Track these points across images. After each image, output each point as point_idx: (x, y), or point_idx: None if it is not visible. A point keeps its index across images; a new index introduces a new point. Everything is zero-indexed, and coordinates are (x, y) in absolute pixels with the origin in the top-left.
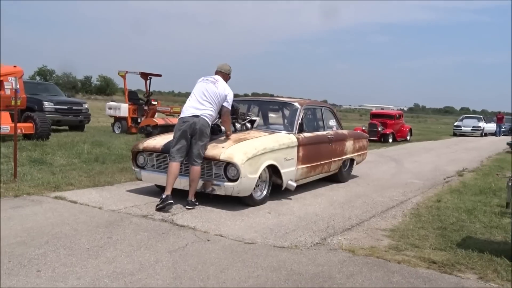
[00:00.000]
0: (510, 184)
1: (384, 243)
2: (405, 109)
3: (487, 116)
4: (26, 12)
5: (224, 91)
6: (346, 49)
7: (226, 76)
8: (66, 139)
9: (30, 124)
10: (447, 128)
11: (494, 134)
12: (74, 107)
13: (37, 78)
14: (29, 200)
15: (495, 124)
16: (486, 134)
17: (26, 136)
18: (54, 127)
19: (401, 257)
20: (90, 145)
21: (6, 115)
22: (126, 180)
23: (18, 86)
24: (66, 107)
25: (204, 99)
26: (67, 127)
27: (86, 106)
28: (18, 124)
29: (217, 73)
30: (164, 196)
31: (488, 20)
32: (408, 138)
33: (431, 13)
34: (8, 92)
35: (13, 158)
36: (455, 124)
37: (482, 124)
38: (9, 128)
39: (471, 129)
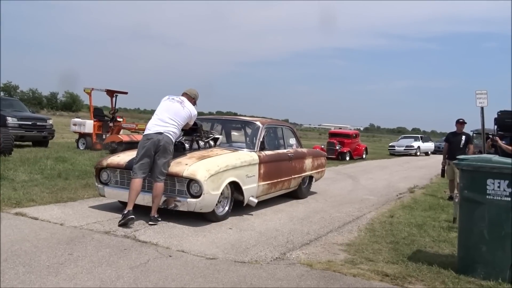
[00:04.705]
0: (456, 200)
1: (340, 257)
2: (361, 128)
3: (427, 135)
4: None
5: (191, 111)
6: (306, 71)
7: (191, 100)
8: (29, 155)
9: None
10: None
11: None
12: (38, 123)
13: (1, 93)
14: None
15: (432, 143)
16: (427, 154)
17: None
18: (18, 142)
19: (356, 270)
20: (54, 161)
21: None
22: (89, 196)
23: None
24: (30, 122)
25: (168, 117)
26: (30, 143)
27: (51, 122)
28: None
29: (183, 94)
30: (125, 212)
31: (435, 48)
32: (364, 156)
33: (384, 40)
34: None
35: None
36: (390, 144)
37: (417, 143)
38: None
39: (404, 149)
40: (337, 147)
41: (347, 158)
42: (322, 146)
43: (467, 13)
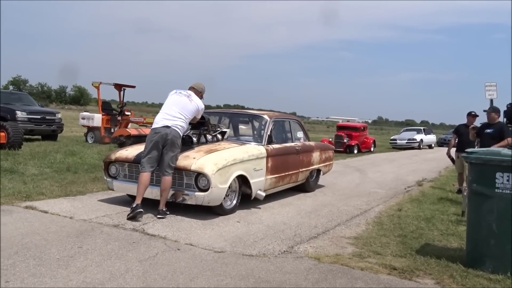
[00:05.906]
0: (465, 193)
1: (348, 250)
2: (369, 121)
3: (435, 127)
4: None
5: (198, 105)
6: (312, 64)
7: (198, 94)
8: (39, 149)
9: (2, 134)
10: None
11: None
12: (47, 117)
13: (11, 87)
14: None
15: (434, 135)
16: (431, 146)
17: None
18: (27, 136)
19: (364, 264)
20: (63, 154)
21: None
22: (98, 189)
23: None
24: (39, 116)
25: (176, 111)
26: (39, 137)
27: (59, 115)
28: None
29: (190, 88)
30: (134, 205)
31: (444, 39)
32: (372, 149)
33: (391, 32)
34: None
35: None
36: (392, 137)
37: (419, 136)
38: None
39: (406, 142)
40: (345, 140)
41: (355, 151)
42: (330, 139)
43: (475, 3)
